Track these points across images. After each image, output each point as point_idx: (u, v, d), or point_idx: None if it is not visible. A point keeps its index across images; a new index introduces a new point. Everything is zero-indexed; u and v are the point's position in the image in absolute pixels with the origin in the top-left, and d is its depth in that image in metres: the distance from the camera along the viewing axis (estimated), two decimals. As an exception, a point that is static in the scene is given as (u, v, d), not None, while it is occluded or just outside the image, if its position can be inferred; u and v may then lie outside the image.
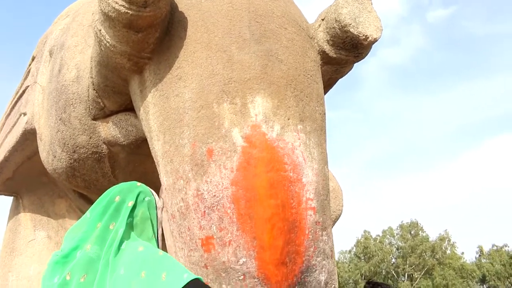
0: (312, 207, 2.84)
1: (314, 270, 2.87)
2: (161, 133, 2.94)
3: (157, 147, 3.00)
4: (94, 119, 3.88)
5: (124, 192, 1.62)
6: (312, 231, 2.83)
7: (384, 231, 39.83)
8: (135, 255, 1.51)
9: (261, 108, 2.79)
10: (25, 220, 5.76)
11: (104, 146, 3.99)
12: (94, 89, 3.69)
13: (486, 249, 43.02)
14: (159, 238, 1.72)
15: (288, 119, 2.85)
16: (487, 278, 38.10)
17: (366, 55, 3.44)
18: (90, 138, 3.95)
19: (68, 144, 4.04)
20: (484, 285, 39.31)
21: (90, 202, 5.45)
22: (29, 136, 4.90)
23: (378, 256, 36.97)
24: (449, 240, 40.20)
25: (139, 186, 1.67)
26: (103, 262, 1.51)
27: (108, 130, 3.88)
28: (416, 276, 37.32)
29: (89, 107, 3.84)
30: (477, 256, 42.87)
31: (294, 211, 2.76)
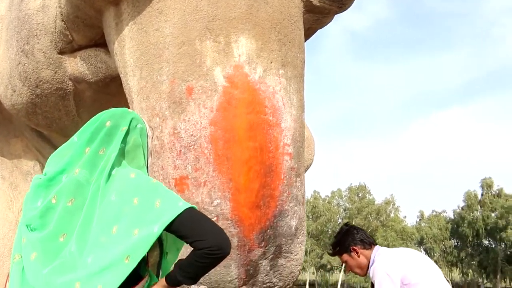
0: (288, 153, 2.85)
1: (286, 215, 2.90)
2: (138, 68, 2.83)
3: (132, 83, 2.89)
4: (61, 53, 3.67)
5: (116, 117, 1.53)
6: (287, 176, 2.85)
7: (333, 193, 41.18)
8: (127, 181, 1.44)
9: (245, 48, 2.72)
10: (-23, 159, 5.50)
11: (70, 82, 3.80)
12: (62, 20, 3.46)
13: (426, 214, 45.57)
14: (148, 168, 1.66)
15: (271, 63, 2.81)
16: (424, 240, 40.47)
17: (349, 6, 3.41)
18: (55, 73, 3.74)
19: (30, 78, 3.81)
20: (421, 247, 41.74)
21: (49, 142, 5.25)
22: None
23: (326, 216, 38.29)
24: (394, 204, 42.18)
25: (130, 112, 1.58)
26: (93, 187, 1.43)
27: (76, 65, 3.69)
28: (359, 237, 38.79)
29: (56, 40, 3.61)
30: (418, 220, 45.37)
31: (271, 155, 2.76)
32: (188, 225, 1.34)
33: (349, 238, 2.80)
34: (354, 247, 2.75)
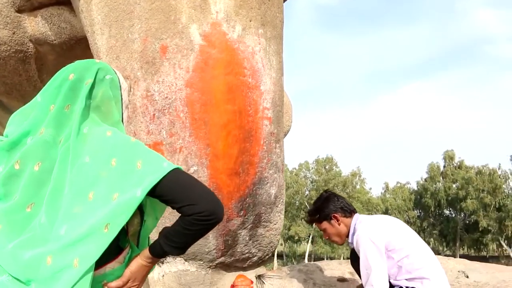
0: (268, 117, 2.72)
1: (266, 182, 2.79)
2: (106, 26, 2.61)
3: (100, 42, 2.67)
4: (19, 11, 3.38)
5: (80, 70, 1.33)
6: (267, 142, 2.72)
7: (300, 165, 41.37)
8: (102, 140, 1.25)
9: (223, 5, 2.53)
10: None
11: (31, 44, 3.53)
12: (20, -26, 3.19)
13: (391, 185, 46.58)
14: (125, 123, 1.46)
15: (250, 21, 2.63)
16: (389, 211, 41.47)
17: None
18: (14, 33, 3.46)
19: (-15, 39, 3.52)
20: (386, 218, 42.64)
21: (10, 112, 4.94)
22: None
23: (293, 188, 38.52)
24: (360, 176, 42.79)
25: (97, 62, 1.37)
26: (62, 148, 1.23)
27: (36, 25, 3.42)
28: (326, 208, 39.39)
29: (13, -4, 3.33)
30: (383, 191, 46.34)
31: (251, 119, 2.62)
32: (175, 188, 1.18)
33: (330, 205, 2.68)
34: (335, 215, 2.65)
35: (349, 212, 2.69)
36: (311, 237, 37.26)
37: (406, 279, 2.41)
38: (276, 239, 3.11)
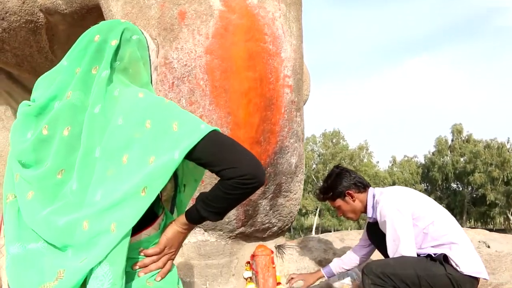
0: (289, 85, 2.65)
1: (286, 151, 2.74)
2: (122, -8, 2.53)
3: (115, 9, 2.59)
4: (29, -21, 3.30)
5: (105, 31, 1.26)
6: (287, 110, 2.66)
7: (307, 138, 41.20)
8: (135, 102, 1.19)
9: (242, -33, 2.44)
10: None
11: (41, 14, 3.45)
12: None
13: (398, 159, 46.49)
14: (154, 85, 1.40)
15: (270, -15, 2.54)
16: (396, 184, 41.42)
17: None
18: (23, 3, 3.38)
19: (-5, 9, 3.44)
20: (393, 191, 42.62)
21: (21, 84, 4.89)
22: None
23: (301, 163, 38.50)
24: (367, 150, 42.67)
25: (123, 22, 1.30)
26: (90, 111, 1.17)
27: (47, -6, 3.33)
28: (333, 182, 39.37)
29: (23, -36, 3.24)
30: (390, 165, 46.26)
31: (272, 87, 2.55)
32: (214, 151, 1.12)
33: (342, 182, 2.60)
34: (349, 191, 2.58)
35: (363, 187, 2.63)
36: (318, 210, 37.45)
37: (432, 246, 2.37)
38: (296, 209, 3.07)
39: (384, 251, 2.53)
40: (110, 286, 1.07)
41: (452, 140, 41.74)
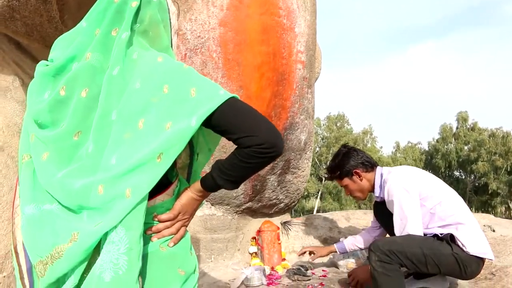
0: (301, 61, 2.63)
1: (296, 128, 2.73)
2: (136, -40, 2.49)
3: (129, -22, 2.56)
4: None
5: None
6: (299, 86, 2.64)
7: (312, 122, 41.18)
8: (153, 66, 1.17)
9: None
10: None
11: (53, -18, 3.41)
12: None
13: (402, 145, 46.42)
14: (174, 49, 1.38)
15: (287, -43, 2.50)
16: (399, 170, 41.51)
17: None
18: (35, -30, 3.34)
19: (7, -24, 3.40)
20: (395, 177, 42.59)
21: (30, 55, 4.86)
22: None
23: (304, 146, 38.50)
24: (371, 134, 42.59)
25: None
26: (109, 73, 1.16)
27: (59, -38, 3.29)
28: (336, 166, 39.35)
29: None
30: (394, 150, 46.24)
31: (285, 62, 2.53)
32: (232, 118, 1.09)
33: (350, 161, 2.59)
34: (357, 170, 2.57)
35: (371, 166, 2.62)
36: (320, 193, 37.57)
37: (438, 226, 2.37)
38: (303, 187, 3.08)
39: (390, 230, 2.54)
40: (126, 251, 1.07)
41: (457, 128, 41.56)
